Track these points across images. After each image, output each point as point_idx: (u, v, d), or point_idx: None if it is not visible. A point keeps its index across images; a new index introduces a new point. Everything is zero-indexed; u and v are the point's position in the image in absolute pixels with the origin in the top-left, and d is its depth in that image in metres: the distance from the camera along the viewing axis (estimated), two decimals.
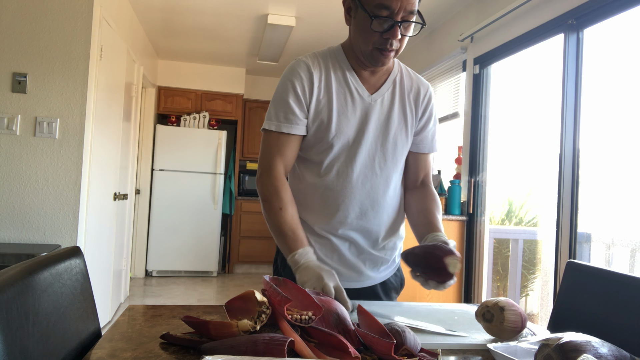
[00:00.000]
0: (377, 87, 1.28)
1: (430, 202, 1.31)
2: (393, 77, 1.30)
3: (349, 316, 0.86)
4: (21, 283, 0.75)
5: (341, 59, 1.26)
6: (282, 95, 1.22)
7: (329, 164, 1.24)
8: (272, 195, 1.20)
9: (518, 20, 2.92)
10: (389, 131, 1.27)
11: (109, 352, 0.79)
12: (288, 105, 1.21)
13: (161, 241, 5.33)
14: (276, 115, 1.21)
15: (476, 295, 3.24)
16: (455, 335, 0.96)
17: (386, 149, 1.27)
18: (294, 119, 1.21)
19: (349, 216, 1.25)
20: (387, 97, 1.28)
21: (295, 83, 1.21)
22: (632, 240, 2.61)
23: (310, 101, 1.22)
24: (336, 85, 1.24)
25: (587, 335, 0.77)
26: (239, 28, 4.37)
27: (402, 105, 1.29)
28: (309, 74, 1.22)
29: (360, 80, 1.26)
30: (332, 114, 1.22)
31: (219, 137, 5.51)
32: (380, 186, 1.27)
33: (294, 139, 1.22)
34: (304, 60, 1.24)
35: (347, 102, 1.24)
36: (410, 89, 1.31)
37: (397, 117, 1.28)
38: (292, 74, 1.22)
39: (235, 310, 0.85)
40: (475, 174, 3.33)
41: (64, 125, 2.73)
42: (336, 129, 1.22)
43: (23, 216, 2.67)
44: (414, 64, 4.29)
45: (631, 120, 2.48)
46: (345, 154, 1.24)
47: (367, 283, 1.32)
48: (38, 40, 2.71)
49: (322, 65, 1.25)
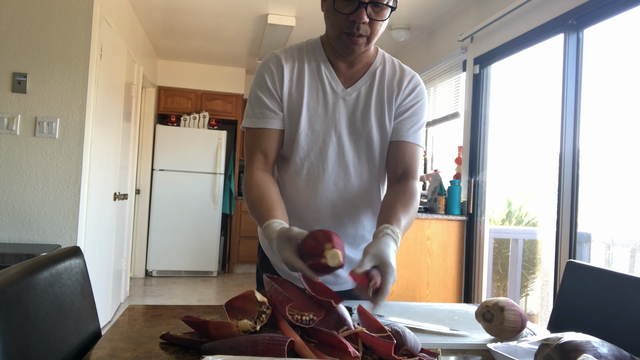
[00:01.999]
0: (354, 80, 1.20)
1: (397, 196, 1.14)
2: (373, 69, 1.21)
3: (349, 317, 0.86)
4: (21, 283, 0.75)
5: (318, 51, 1.21)
6: (255, 91, 1.19)
7: (299, 162, 1.19)
8: (246, 189, 1.14)
9: (518, 20, 2.92)
10: (364, 127, 1.19)
11: (109, 352, 0.79)
12: (261, 100, 1.17)
13: (161, 241, 5.33)
14: (252, 112, 1.18)
15: (476, 295, 3.24)
16: (456, 334, 0.96)
17: (360, 146, 1.20)
18: (269, 114, 1.17)
19: (321, 218, 1.20)
20: (364, 90, 1.20)
21: (265, 77, 1.17)
22: (632, 240, 2.61)
23: (282, 95, 1.17)
24: (309, 78, 1.18)
25: (587, 335, 0.77)
26: (239, 28, 4.37)
27: (379, 99, 1.20)
28: (280, 67, 1.17)
29: (336, 73, 1.19)
30: (302, 108, 1.17)
31: (219, 137, 5.51)
32: (354, 186, 1.20)
33: (271, 133, 1.17)
34: (277, 54, 1.20)
35: (319, 96, 1.18)
36: (392, 79, 1.22)
37: (374, 113, 1.19)
38: (264, 68, 1.19)
39: (235, 310, 0.85)
40: (475, 174, 3.33)
41: (64, 125, 2.73)
42: (305, 123, 1.17)
43: (23, 216, 2.67)
44: (414, 64, 4.29)
45: (631, 120, 2.48)
46: (316, 151, 1.18)
47: (346, 286, 1.26)
48: (38, 40, 2.71)
49: (297, 57, 1.20)
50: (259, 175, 1.15)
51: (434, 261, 3.22)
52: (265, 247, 1.30)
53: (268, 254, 1.30)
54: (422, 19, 3.88)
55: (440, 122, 3.93)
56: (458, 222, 3.30)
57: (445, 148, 3.87)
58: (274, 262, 1.28)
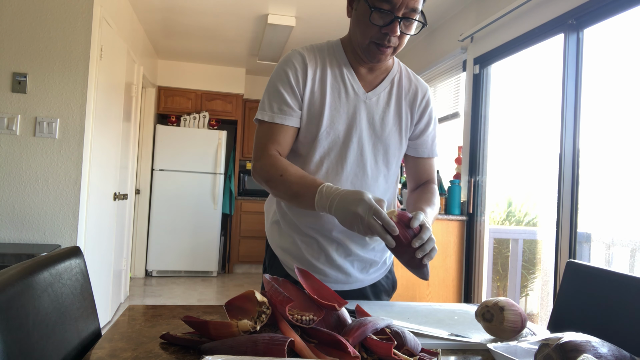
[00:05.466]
0: (374, 85, 1.24)
1: (420, 195, 1.28)
2: (392, 76, 1.26)
3: (349, 317, 0.86)
4: (21, 283, 0.75)
5: (339, 54, 1.23)
6: (275, 85, 1.19)
7: (318, 161, 1.20)
8: (269, 171, 1.14)
9: (518, 20, 2.92)
10: (382, 131, 1.23)
11: (109, 352, 0.79)
12: (281, 96, 1.17)
13: (161, 241, 5.33)
14: (270, 106, 1.18)
15: (476, 295, 3.24)
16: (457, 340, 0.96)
17: (378, 149, 1.23)
18: (288, 110, 1.17)
19: None
20: (384, 96, 1.24)
21: (289, 73, 1.18)
22: (632, 240, 2.61)
23: (304, 93, 1.18)
24: (331, 79, 1.20)
25: (587, 335, 0.77)
26: (239, 28, 4.37)
27: (398, 107, 1.25)
28: (304, 65, 1.19)
29: (357, 77, 1.22)
30: (324, 107, 1.18)
31: (219, 137, 5.51)
32: (370, 187, 1.23)
33: (287, 130, 1.18)
34: (300, 52, 1.21)
35: (341, 97, 1.20)
36: (408, 90, 1.27)
37: (393, 118, 1.24)
38: (287, 64, 1.19)
39: (235, 310, 0.85)
40: (475, 174, 3.33)
41: (64, 125, 2.73)
42: (327, 123, 1.18)
43: (23, 216, 2.67)
44: (414, 64, 4.29)
45: (631, 121, 2.48)
46: (336, 151, 1.20)
47: (356, 285, 1.28)
48: (38, 40, 2.71)
49: (319, 58, 1.21)
50: (281, 157, 1.16)
51: (434, 261, 3.22)
52: (275, 245, 1.30)
53: (277, 252, 1.30)
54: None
55: (440, 122, 3.93)
56: (458, 222, 3.30)
57: (445, 148, 3.87)
58: (282, 259, 1.29)
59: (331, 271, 1.23)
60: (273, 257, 1.32)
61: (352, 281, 1.26)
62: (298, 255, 1.24)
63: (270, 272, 1.29)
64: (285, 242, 1.27)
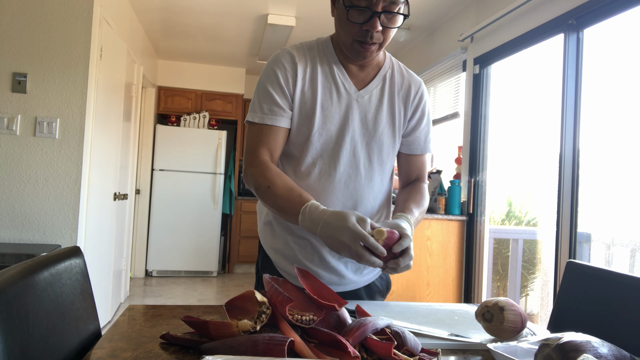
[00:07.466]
0: (366, 82, 1.21)
1: (410, 193, 1.24)
2: (383, 72, 1.23)
3: (349, 317, 0.86)
4: (21, 283, 0.75)
5: (329, 52, 1.20)
6: (265, 85, 1.16)
7: (311, 162, 1.18)
8: (258, 180, 1.12)
9: (518, 20, 2.92)
10: (375, 130, 1.20)
11: (109, 352, 0.79)
12: (271, 97, 1.15)
13: (161, 241, 5.33)
14: (260, 107, 1.15)
15: (476, 295, 3.24)
16: (457, 340, 0.96)
17: (372, 148, 1.21)
18: (278, 111, 1.15)
19: None
20: (376, 93, 1.21)
21: (278, 73, 1.15)
22: (632, 240, 2.61)
23: (294, 93, 1.15)
24: (322, 78, 1.18)
25: (587, 335, 0.77)
26: (239, 28, 4.37)
27: (390, 104, 1.22)
28: (293, 65, 1.16)
29: (348, 75, 1.19)
30: (315, 107, 1.16)
31: (219, 137, 5.51)
32: (364, 187, 1.21)
33: (278, 131, 1.16)
34: (289, 51, 1.18)
35: (333, 97, 1.17)
36: (401, 86, 1.24)
37: (386, 116, 1.21)
38: (276, 64, 1.17)
39: (235, 310, 0.85)
40: (475, 174, 3.33)
41: (64, 125, 2.73)
42: (319, 124, 1.16)
43: (23, 216, 2.67)
44: (414, 64, 4.29)
45: (631, 121, 2.48)
46: (328, 152, 1.18)
47: (350, 287, 1.25)
48: (38, 40, 2.71)
49: (309, 56, 1.19)
50: (272, 166, 1.14)
51: (434, 261, 3.22)
52: (267, 246, 1.29)
53: (270, 253, 1.29)
54: (422, 19, 3.88)
55: (440, 122, 3.93)
56: (458, 222, 3.30)
57: (445, 148, 3.87)
58: (275, 261, 1.28)
59: (325, 273, 1.21)
60: (265, 258, 1.30)
61: (346, 282, 1.24)
62: (291, 256, 1.22)
63: (263, 272, 1.28)
64: (278, 244, 1.24)
